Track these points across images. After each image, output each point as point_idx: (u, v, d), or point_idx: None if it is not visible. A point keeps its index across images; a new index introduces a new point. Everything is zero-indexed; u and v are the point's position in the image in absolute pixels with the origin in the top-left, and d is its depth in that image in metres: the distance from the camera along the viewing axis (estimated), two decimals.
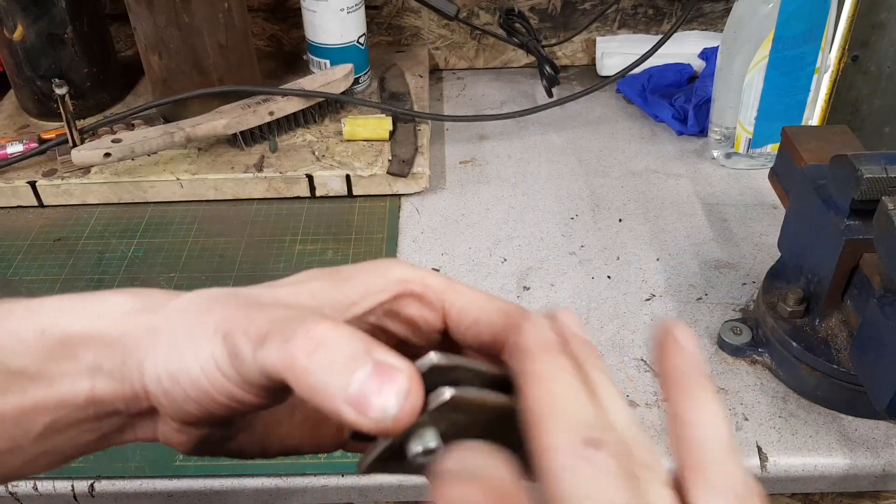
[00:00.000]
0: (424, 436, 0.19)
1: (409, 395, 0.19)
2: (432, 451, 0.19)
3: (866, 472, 0.45)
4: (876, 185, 0.41)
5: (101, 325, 0.23)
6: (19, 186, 0.63)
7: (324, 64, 0.72)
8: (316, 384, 0.19)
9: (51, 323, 0.23)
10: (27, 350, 0.23)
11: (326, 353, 0.19)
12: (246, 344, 0.21)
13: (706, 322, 0.53)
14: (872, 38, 0.68)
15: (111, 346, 0.23)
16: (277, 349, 0.20)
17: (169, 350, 0.22)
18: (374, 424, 0.18)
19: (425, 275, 0.25)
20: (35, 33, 0.66)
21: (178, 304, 0.24)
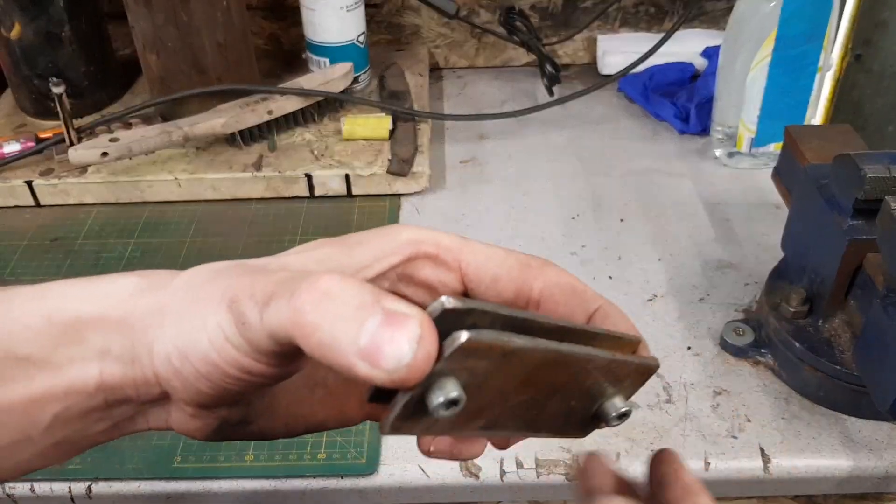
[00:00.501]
0: (445, 386, 0.18)
1: (423, 341, 0.17)
2: (455, 401, 0.18)
3: (869, 474, 0.44)
4: (879, 184, 0.41)
5: (109, 307, 0.22)
6: (16, 186, 0.63)
7: (323, 62, 0.71)
8: (324, 339, 0.18)
9: (57, 307, 0.23)
10: (34, 336, 0.22)
11: (334, 305, 0.18)
12: (252, 307, 0.20)
13: (708, 323, 0.52)
14: (875, 37, 0.68)
15: (119, 328, 0.22)
16: (284, 306, 0.19)
17: (176, 326, 0.21)
18: (389, 376, 0.17)
19: (438, 235, 0.24)
20: (32, 32, 0.65)
21: (182, 280, 0.23)
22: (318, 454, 0.45)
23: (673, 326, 0.52)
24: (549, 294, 0.24)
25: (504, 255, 0.24)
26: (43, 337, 0.22)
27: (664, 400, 0.48)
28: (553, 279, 0.24)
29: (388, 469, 0.44)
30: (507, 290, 0.24)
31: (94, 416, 0.23)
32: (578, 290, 0.24)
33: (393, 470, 0.44)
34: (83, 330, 0.22)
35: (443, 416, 0.18)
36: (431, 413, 0.18)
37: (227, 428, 0.24)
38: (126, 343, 0.22)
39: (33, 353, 0.22)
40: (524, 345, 0.19)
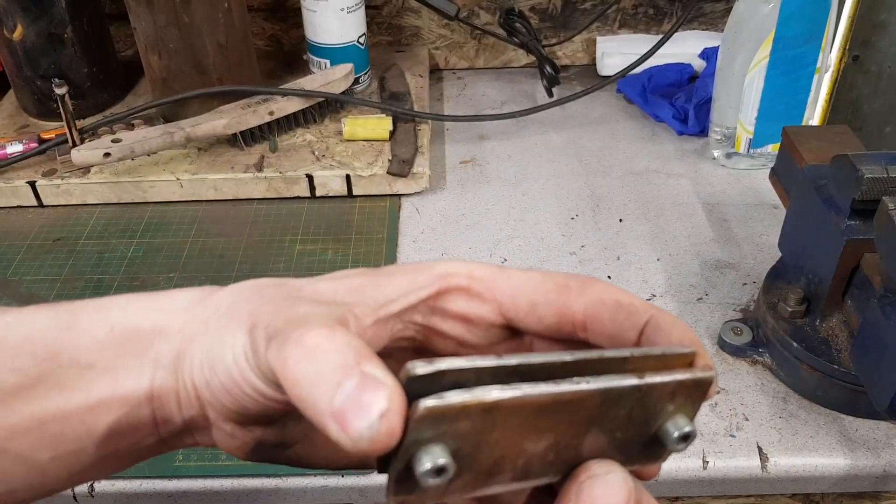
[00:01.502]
0: (431, 453, 0.18)
1: (388, 415, 0.17)
2: (441, 469, 0.17)
3: (867, 473, 0.44)
4: (877, 184, 0.41)
5: (166, 319, 0.23)
6: (19, 186, 0.63)
7: (324, 64, 0.71)
8: (303, 394, 0.18)
9: (119, 319, 0.23)
10: (97, 346, 0.23)
11: (316, 363, 0.18)
12: (262, 341, 0.20)
13: (707, 322, 0.53)
14: (873, 38, 0.68)
15: (171, 339, 0.23)
16: (275, 355, 0.19)
17: (211, 339, 0.22)
18: (353, 444, 0.17)
19: (473, 266, 0.24)
20: (35, 33, 0.66)
21: (223, 294, 0.23)
22: None
23: None
24: (593, 314, 0.22)
25: (541, 280, 0.23)
26: (105, 347, 0.23)
27: None
28: (596, 297, 0.22)
29: None
30: (547, 316, 0.23)
31: (145, 430, 0.24)
32: (625, 305, 0.22)
33: None
34: (141, 341, 0.23)
35: (432, 485, 0.18)
36: (419, 482, 0.18)
37: (265, 449, 0.24)
38: (174, 354, 0.23)
39: (96, 362, 0.23)
40: (503, 396, 0.18)
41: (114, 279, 0.57)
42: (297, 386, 0.18)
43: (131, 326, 0.23)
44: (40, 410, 0.22)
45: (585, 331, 0.23)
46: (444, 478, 0.18)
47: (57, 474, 0.23)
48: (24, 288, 0.56)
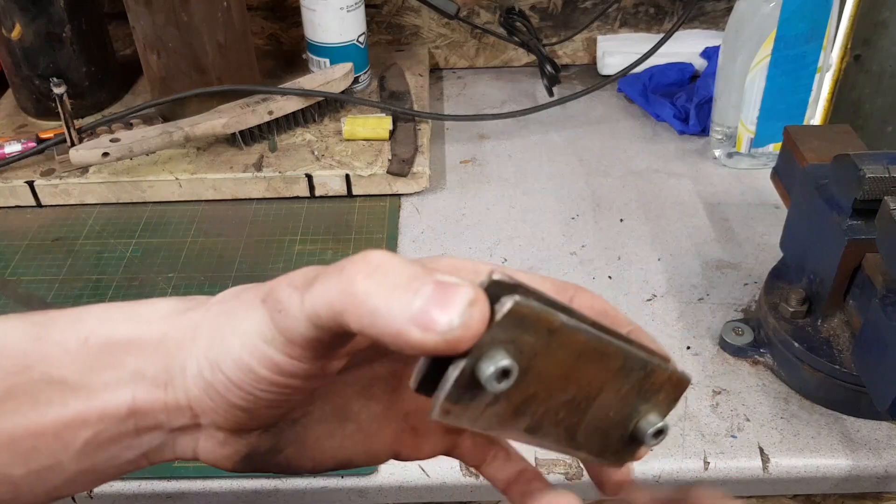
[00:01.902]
0: (495, 356, 0.18)
1: (476, 302, 0.17)
2: (507, 371, 0.18)
3: (868, 474, 0.44)
4: (878, 184, 0.41)
5: (144, 329, 0.23)
6: (17, 186, 0.63)
7: (323, 63, 0.71)
8: (377, 306, 0.18)
9: (94, 330, 0.23)
10: (70, 359, 0.22)
11: (387, 275, 0.18)
12: (292, 293, 0.20)
13: (708, 322, 0.52)
14: (874, 37, 0.68)
15: (154, 350, 0.22)
16: (333, 281, 0.19)
17: (208, 339, 0.22)
18: (443, 337, 0.17)
19: (475, 264, 0.24)
20: (33, 32, 0.66)
21: (215, 299, 0.23)
22: None
23: (672, 326, 0.52)
24: None
25: (540, 280, 0.24)
26: (79, 360, 0.22)
27: None
28: (586, 303, 0.24)
29: (388, 468, 0.44)
30: None
31: (124, 443, 0.23)
32: (610, 315, 0.24)
33: (393, 469, 0.44)
34: (119, 353, 0.22)
35: (495, 389, 0.18)
36: (484, 385, 0.18)
37: (257, 457, 0.24)
38: (160, 365, 0.22)
39: (68, 375, 0.22)
40: (569, 323, 0.19)
41: (112, 279, 0.57)
42: (370, 299, 0.18)
43: (107, 338, 0.23)
44: (11, 426, 0.22)
45: None
46: (506, 384, 0.18)
47: (31, 489, 0.23)
48: (23, 288, 0.56)
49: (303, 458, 0.25)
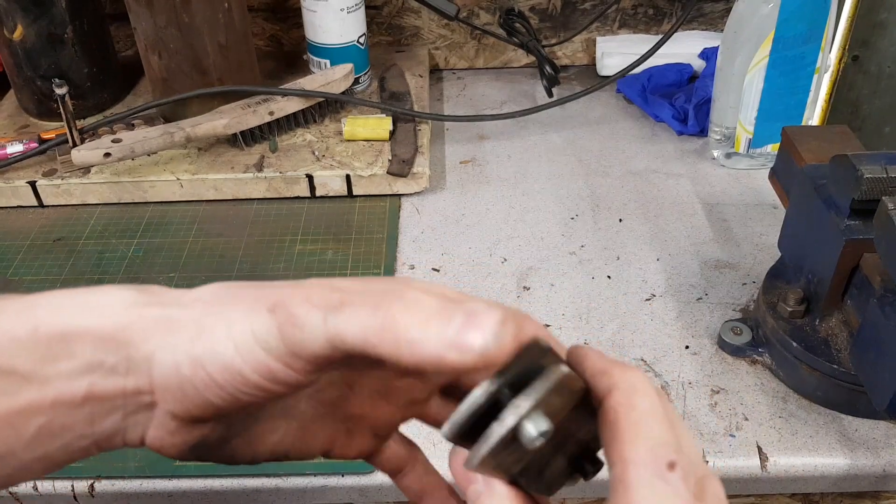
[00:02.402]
0: (538, 419, 0.20)
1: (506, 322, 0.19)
2: (546, 432, 0.19)
3: (866, 473, 0.44)
4: (876, 185, 0.41)
5: (102, 319, 0.23)
6: (19, 186, 0.63)
7: (324, 64, 0.72)
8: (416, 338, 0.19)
9: (45, 319, 0.22)
10: (20, 348, 0.22)
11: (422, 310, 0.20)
12: (311, 311, 0.20)
13: (706, 322, 0.53)
14: (873, 38, 0.68)
15: (113, 339, 0.22)
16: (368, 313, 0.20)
17: (192, 336, 0.22)
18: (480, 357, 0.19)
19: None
20: (35, 33, 0.66)
21: (195, 296, 0.23)
22: None
23: (671, 326, 0.53)
24: None
25: None
26: (29, 349, 0.22)
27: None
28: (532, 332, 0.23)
29: None
30: None
31: (77, 431, 0.23)
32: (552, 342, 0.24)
33: None
34: (73, 342, 0.22)
35: (533, 447, 0.19)
36: (524, 444, 0.19)
37: (204, 447, 0.24)
38: (121, 355, 0.22)
39: (19, 365, 0.22)
40: (580, 382, 0.21)
41: (114, 279, 0.57)
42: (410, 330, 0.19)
43: (59, 328, 0.22)
44: None
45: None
46: (539, 443, 0.19)
47: None
48: (25, 288, 0.56)
49: (246, 451, 0.25)
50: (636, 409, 0.20)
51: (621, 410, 0.20)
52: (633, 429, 0.20)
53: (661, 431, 0.20)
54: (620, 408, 0.20)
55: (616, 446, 0.20)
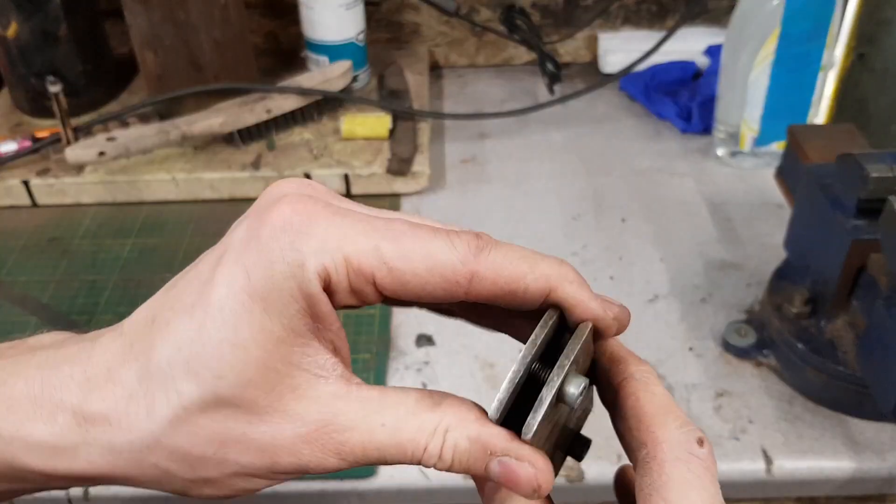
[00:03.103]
0: (575, 378, 0.21)
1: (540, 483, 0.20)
2: (586, 388, 0.21)
3: (872, 476, 0.44)
4: (883, 184, 0.41)
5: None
6: (13, 185, 0.63)
7: (322, 61, 0.71)
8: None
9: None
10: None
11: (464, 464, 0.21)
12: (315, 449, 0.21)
13: (711, 323, 0.52)
14: (879, 35, 0.67)
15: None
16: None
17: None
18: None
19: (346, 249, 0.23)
20: (29, 30, 0.65)
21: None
22: None
23: (675, 327, 0.52)
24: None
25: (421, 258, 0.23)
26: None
27: None
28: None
29: (387, 471, 0.44)
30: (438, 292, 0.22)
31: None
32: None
33: (392, 472, 0.44)
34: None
35: (576, 404, 0.21)
36: (568, 403, 0.21)
37: None
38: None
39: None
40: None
41: (108, 280, 0.56)
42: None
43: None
44: None
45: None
46: (580, 399, 0.21)
47: None
48: (18, 289, 0.56)
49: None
50: (657, 395, 0.21)
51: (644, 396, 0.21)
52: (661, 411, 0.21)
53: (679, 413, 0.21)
54: (642, 393, 0.21)
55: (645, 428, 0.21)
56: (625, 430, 0.21)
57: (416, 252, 0.21)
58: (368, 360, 0.50)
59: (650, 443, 0.20)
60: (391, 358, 0.50)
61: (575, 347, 0.21)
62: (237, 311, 0.20)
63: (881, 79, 0.67)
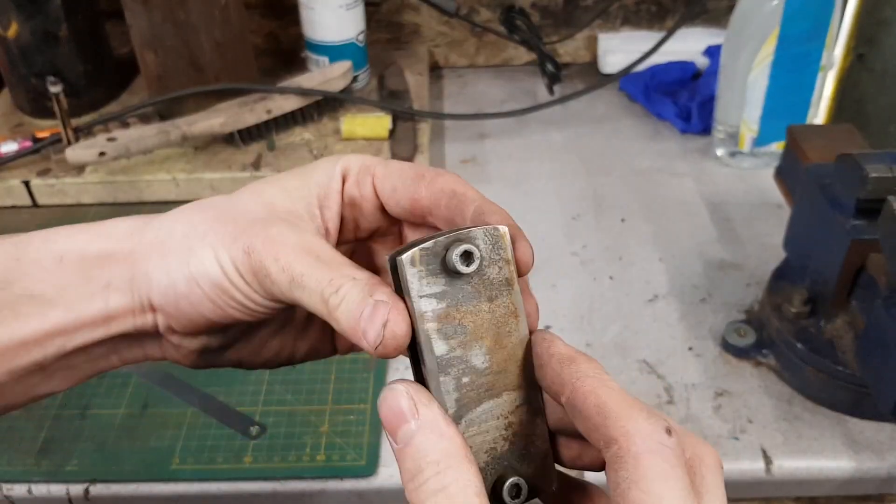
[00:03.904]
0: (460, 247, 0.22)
1: (389, 322, 0.22)
2: (470, 254, 0.22)
3: (872, 475, 0.44)
4: (882, 184, 0.41)
5: (111, 244, 0.26)
6: (13, 186, 0.63)
7: (322, 61, 0.71)
8: (344, 329, 0.23)
9: (68, 248, 0.26)
10: (48, 276, 0.25)
11: (347, 304, 0.23)
12: (280, 274, 0.24)
13: (710, 323, 0.52)
14: (878, 36, 0.67)
15: (121, 262, 0.26)
16: (317, 301, 0.23)
17: (184, 259, 0.25)
18: (375, 353, 0.22)
19: (364, 157, 0.28)
20: (30, 31, 0.65)
21: (171, 224, 0.26)
22: (318, 455, 0.45)
23: (674, 327, 0.52)
24: (434, 200, 0.26)
25: (407, 168, 0.27)
26: (55, 276, 0.25)
27: (665, 401, 0.47)
28: (438, 187, 0.26)
29: (387, 471, 0.44)
30: (403, 199, 0.26)
31: (99, 348, 0.26)
32: (458, 194, 0.26)
33: (392, 471, 0.44)
34: (91, 267, 0.26)
35: (463, 271, 0.22)
36: (449, 263, 0.22)
37: (209, 354, 0.27)
38: (126, 275, 0.25)
39: (47, 291, 0.25)
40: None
41: None
42: (340, 324, 0.23)
43: (80, 255, 0.26)
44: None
45: (431, 216, 0.26)
46: (467, 268, 0.22)
47: (14, 391, 0.26)
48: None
49: (252, 355, 0.29)
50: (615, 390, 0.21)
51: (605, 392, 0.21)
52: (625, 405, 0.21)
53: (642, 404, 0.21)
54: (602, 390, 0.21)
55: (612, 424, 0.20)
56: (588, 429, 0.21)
57: (405, 163, 0.27)
58: (369, 360, 0.50)
59: (621, 437, 0.20)
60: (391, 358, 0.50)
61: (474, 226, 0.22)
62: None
63: (880, 79, 0.67)
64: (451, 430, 0.21)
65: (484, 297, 0.23)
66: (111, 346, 0.26)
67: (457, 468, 0.20)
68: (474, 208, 0.25)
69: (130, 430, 0.46)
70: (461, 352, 0.22)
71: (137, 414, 0.47)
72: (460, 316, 0.22)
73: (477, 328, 0.23)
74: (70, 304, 0.25)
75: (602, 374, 0.22)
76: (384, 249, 0.30)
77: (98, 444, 0.46)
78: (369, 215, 0.28)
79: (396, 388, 0.22)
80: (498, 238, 0.23)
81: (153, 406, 0.48)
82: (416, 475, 0.20)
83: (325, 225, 0.27)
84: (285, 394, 0.48)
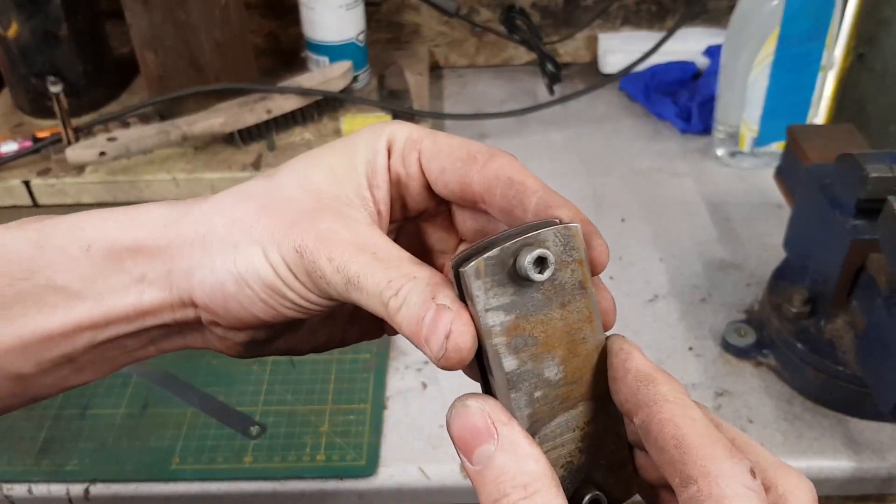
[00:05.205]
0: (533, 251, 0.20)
1: (452, 335, 0.20)
2: (544, 259, 0.20)
3: (872, 475, 0.44)
4: (882, 184, 0.41)
5: (145, 235, 0.24)
6: (13, 186, 0.63)
7: (322, 61, 0.71)
8: (406, 333, 0.21)
9: (96, 237, 0.24)
10: (74, 265, 0.23)
11: (408, 308, 0.21)
12: (335, 275, 0.22)
13: (710, 323, 0.52)
14: (878, 36, 0.67)
15: (155, 255, 0.24)
16: (378, 303, 0.22)
17: (230, 256, 0.23)
18: (439, 363, 0.21)
19: (412, 129, 0.25)
20: (30, 30, 0.65)
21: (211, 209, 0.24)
22: (318, 455, 0.45)
23: (674, 327, 0.52)
24: (488, 187, 0.24)
25: (457, 146, 0.25)
26: (82, 266, 0.23)
27: None
28: (493, 172, 0.24)
29: (387, 470, 0.44)
30: (452, 182, 0.24)
31: (133, 339, 0.25)
32: (516, 182, 0.23)
33: (392, 471, 0.44)
34: (122, 259, 0.24)
35: (532, 276, 0.20)
36: (520, 271, 0.20)
37: (256, 346, 0.26)
38: (162, 270, 0.24)
39: (72, 282, 0.23)
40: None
41: None
42: (401, 328, 0.21)
43: (109, 244, 0.24)
44: (21, 329, 0.23)
45: (484, 203, 0.24)
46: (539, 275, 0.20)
47: (43, 383, 0.24)
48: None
49: (301, 343, 0.27)
50: (698, 421, 0.19)
51: (685, 422, 0.19)
52: (708, 441, 0.19)
53: (725, 441, 0.19)
54: (681, 420, 0.19)
55: (692, 461, 0.19)
56: (664, 462, 0.19)
57: (454, 138, 0.25)
58: (369, 359, 0.50)
59: (701, 478, 0.18)
60: (391, 358, 0.50)
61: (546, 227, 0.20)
62: None
63: (880, 79, 0.67)
64: (535, 450, 0.19)
65: (556, 303, 0.21)
66: (147, 338, 0.25)
67: (545, 492, 0.19)
68: (537, 200, 0.23)
69: (130, 430, 0.46)
70: (532, 365, 0.21)
71: (137, 414, 0.47)
72: (530, 327, 0.20)
73: (549, 338, 0.21)
74: (99, 296, 0.23)
75: (684, 400, 0.20)
76: (434, 230, 0.27)
77: (98, 444, 0.46)
78: (416, 195, 0.25)
79: (469, 404, 0.20)
80: (570, 238, 0.21)
81: (153, 406, 0.48)
82: (499, 500, 0.19)
83: (377, 207, 0.25)
84: (285, 394, 0.48)
